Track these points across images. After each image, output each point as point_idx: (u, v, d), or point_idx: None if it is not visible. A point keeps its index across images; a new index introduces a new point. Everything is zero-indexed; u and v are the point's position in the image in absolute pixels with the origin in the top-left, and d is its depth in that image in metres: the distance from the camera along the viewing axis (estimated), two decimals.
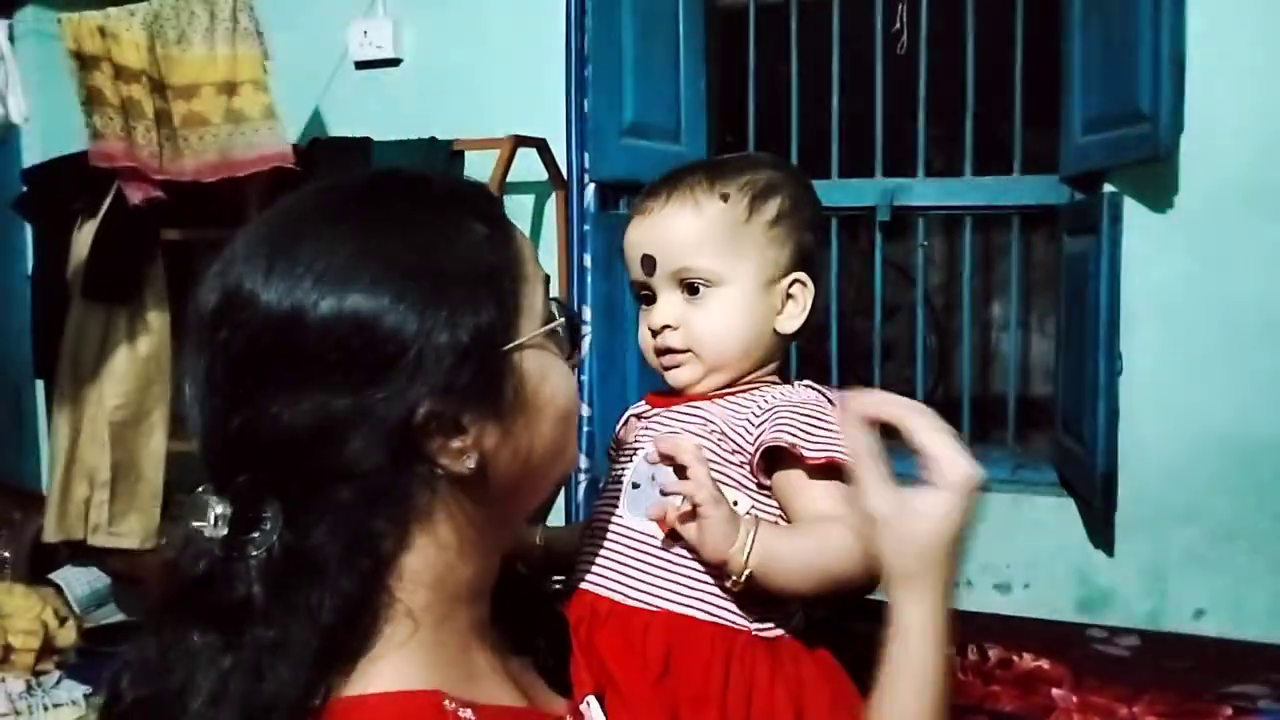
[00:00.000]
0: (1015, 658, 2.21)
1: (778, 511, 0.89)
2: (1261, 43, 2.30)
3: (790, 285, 0.94)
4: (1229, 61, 2.29)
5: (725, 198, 0.92)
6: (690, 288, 0.93)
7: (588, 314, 2.60)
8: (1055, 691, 2.08)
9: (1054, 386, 2.81)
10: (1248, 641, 2.31)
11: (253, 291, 0.62)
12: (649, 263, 0.93)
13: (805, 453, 0.85)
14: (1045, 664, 2.17)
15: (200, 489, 0.64)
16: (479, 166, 2.73)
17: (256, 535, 0.61)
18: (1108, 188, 2.38)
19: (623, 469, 0.93)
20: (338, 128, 3.00)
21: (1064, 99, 2.53)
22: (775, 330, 0.94)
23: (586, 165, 2.64)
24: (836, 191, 2.79)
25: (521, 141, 2.65)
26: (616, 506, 0.92)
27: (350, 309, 0.61)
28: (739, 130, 2.98)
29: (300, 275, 0.61)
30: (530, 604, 0.82)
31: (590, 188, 2.64)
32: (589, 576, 0.90)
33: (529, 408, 0.68)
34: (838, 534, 0.81)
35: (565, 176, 2.70)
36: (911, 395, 0.86)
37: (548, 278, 0.73)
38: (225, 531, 0.61)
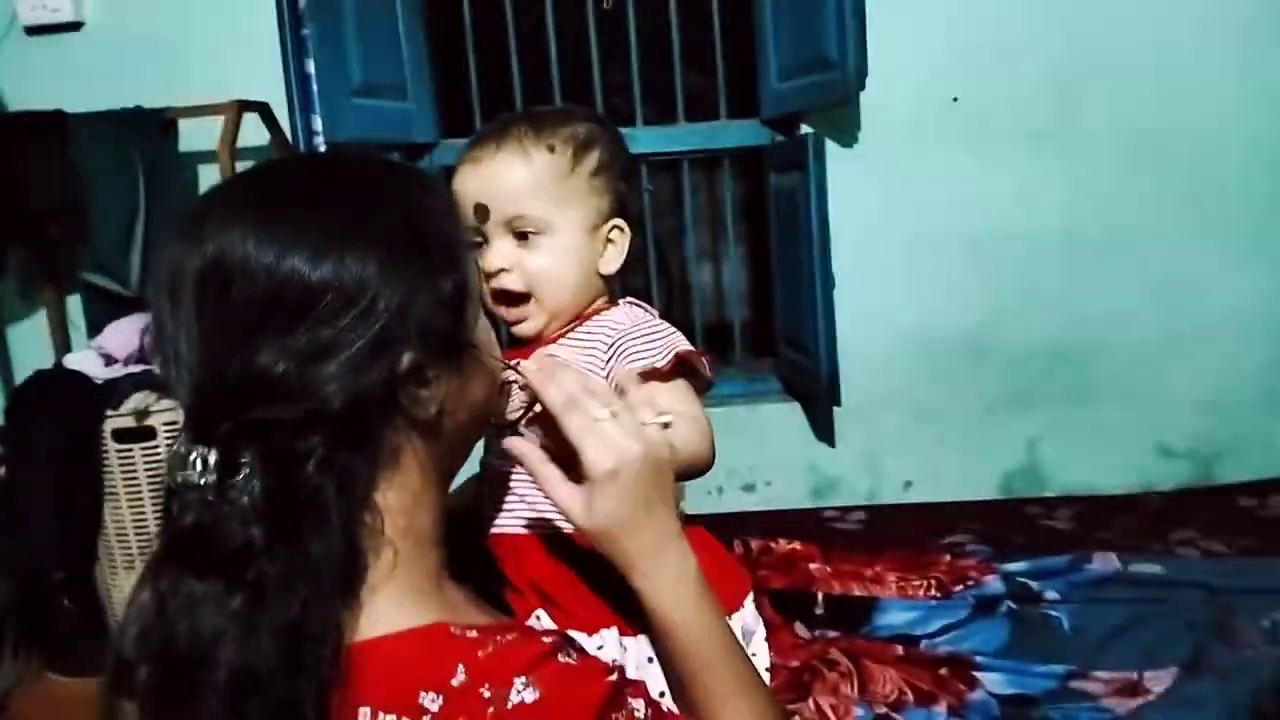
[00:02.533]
0: (772, 544, 2.49)
1: None
2: None
3: (610, 230, 1.03)
4: (899, 13, 2.63)
5: (551, 149, 0.99)
6: (521, 234, 0.99)
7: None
8: (812, 566, 2.37)
9: (761, 309, 3.14)
10: (948, 502, 2.76)
11: (247, 255, 0.65)
12: (482, 211, 0.98)
13: (658, 365, 0.95)
14: (798, 545, 2.46)
15: (177, 444, 0.66)
16: (196, 135, 2.59)
17: (240, 479, 0.64)
18: (805, 129, 2.70)
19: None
20: (16, 101, 2.70)
21: (760, 50, 2.81)
22: (599, 272, 1.03)
23: (316, 127, 2.58)
24: None
25: (245, 106, 2.55)
26: (503, 457, 0.98)
27: (346, 271, 0.66)
28: (463, 85, 3.02)
29: (296, 239, 0.66)
30: (462, 542, 0.89)
31: (321, 149, 2.59)
32: (500, 520, 0.98)
33: (477, 360, 0.76)
34: (683, 429, 0.92)
35: (290, 140, 2.62)
36: None
37: None
38: (214, 477, 0.64)
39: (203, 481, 0.64)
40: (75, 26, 2.75)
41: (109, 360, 2.19)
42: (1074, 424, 2.77)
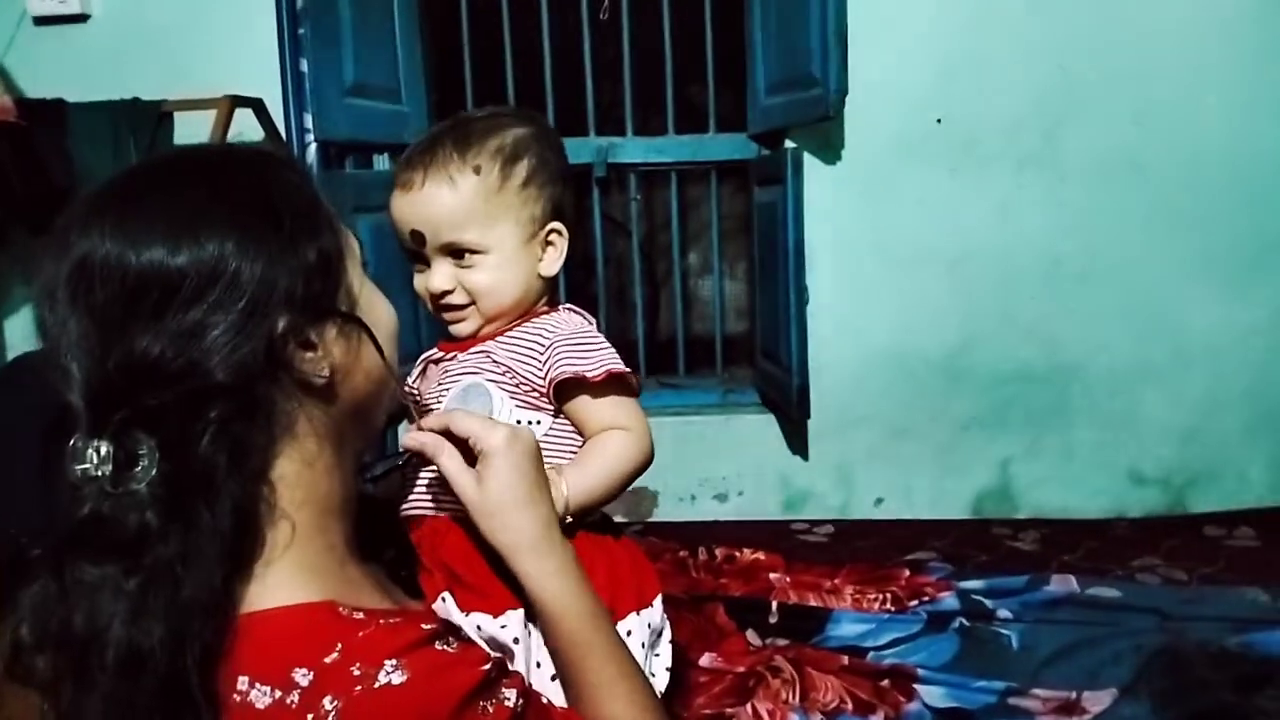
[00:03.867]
0: (737, 553, 2.51)
1: (573, 429, 1.03)
2: (914, 19, 2.68)
3: (548, 235, 1.04)
4: (887, 35, 2.66)
5: (478, 170, 1.00)
6: (458, 254, 1.01)
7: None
8: (772, 575, 2.40)
9: (750, 322, 3.18)
10: (917, 520, 2.78)
11: (108, 253, 0.68)
12: (418, 237, 1.00)
13: (588, 374, 0.98)
14: (762, 555, 2.48)
15: (74, 439, 0.69)
16: (190, 128, 2.65)
17: (139, 469, 0.67)
18: (788, 144, 2.73)
19: (433, 408, 1.02)
20: (20, 91, 2.77)
21: (749, 66, 2.85)
22: (540, 275, 1.05)
23: (307, 125, 2.63)
24: None
25: (237, 102, 2.60)
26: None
27: (204, 252, 0.69)
28: (457, 91, 3.07)
29: (152, 231, 0.69)
30: (377, 522, 0.93)
31: (312, 147, 2.64)
32: (413, 500, 1.00)
33: (366, 324, 0.79)
34: (617, 440, 0.97)
35: (284, 137, 2.68)
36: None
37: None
38: (110, 468, 0.66)
39: (99, 473, 0.67)
40: (82, 19, 2.81)
41: None
42: (1047, 448, 2.78)
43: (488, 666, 0.71)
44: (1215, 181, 2.68)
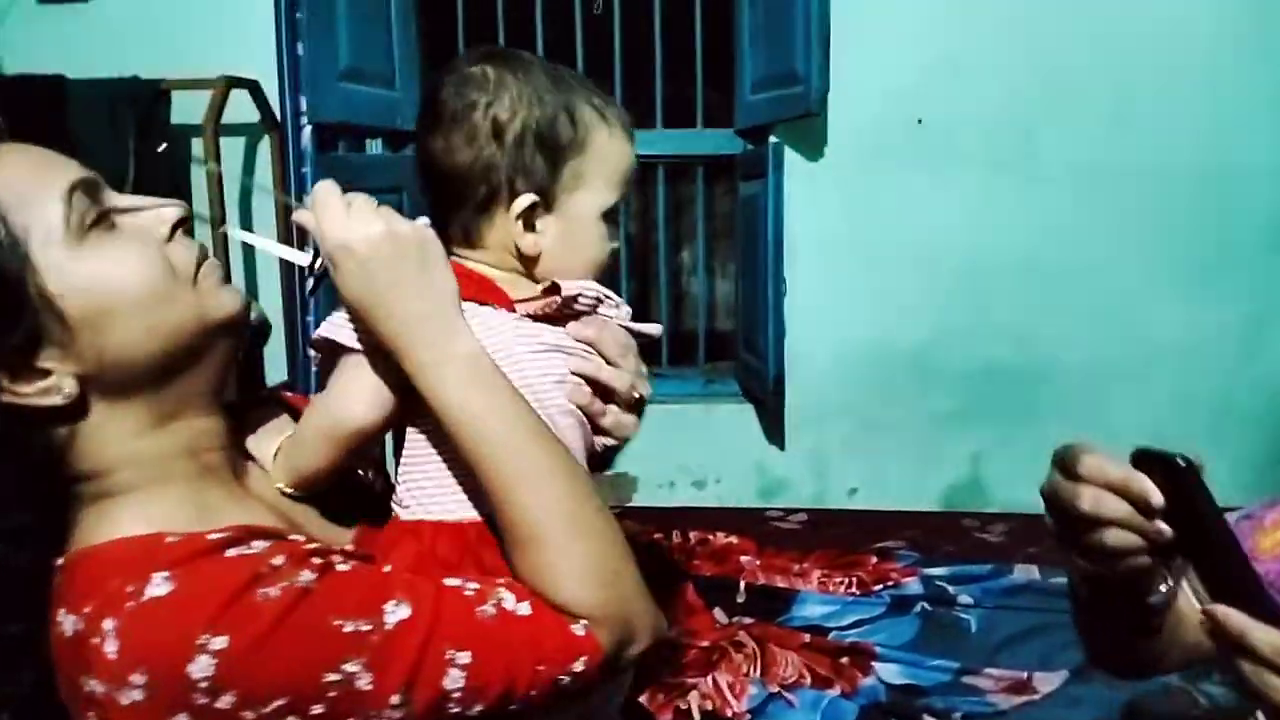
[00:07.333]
0: (710, 537, 2.57)
1: None
2: (895, 19, 2.73)
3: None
4: (871, 35, 2.72)
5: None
6: None
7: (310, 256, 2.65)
8: (743, 558, 2.46)
9: (735, 317, 3.24)
10: (889, 510, 2.84)
11: None
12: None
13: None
14: (735, 539, 2.55)
15: None
16: (187, 107, 2.70)
17: None
18: (773, 139, 2.79)
19: None
20: (21, 67, 2.81)
21: (736, 63, 2.90)
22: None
23: (302, 108, 2.68)
24: None
25: (233, 83, 2.65)
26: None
27: None
28: None
29: None
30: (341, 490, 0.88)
31: (307, 130, 2.69)
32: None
33: (91, 318, 0.70)
34: (319, 407, 0.83)
35: (279, 119, 2.72)
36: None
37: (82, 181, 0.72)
38: None
39: None
40: None
41: None
42: (1018, 443, 2.84)
43: (278, 560, 0.67)
44: (1185, 187, 2.75)
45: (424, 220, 0.79)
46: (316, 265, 0.80)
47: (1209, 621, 0.63)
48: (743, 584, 2.29)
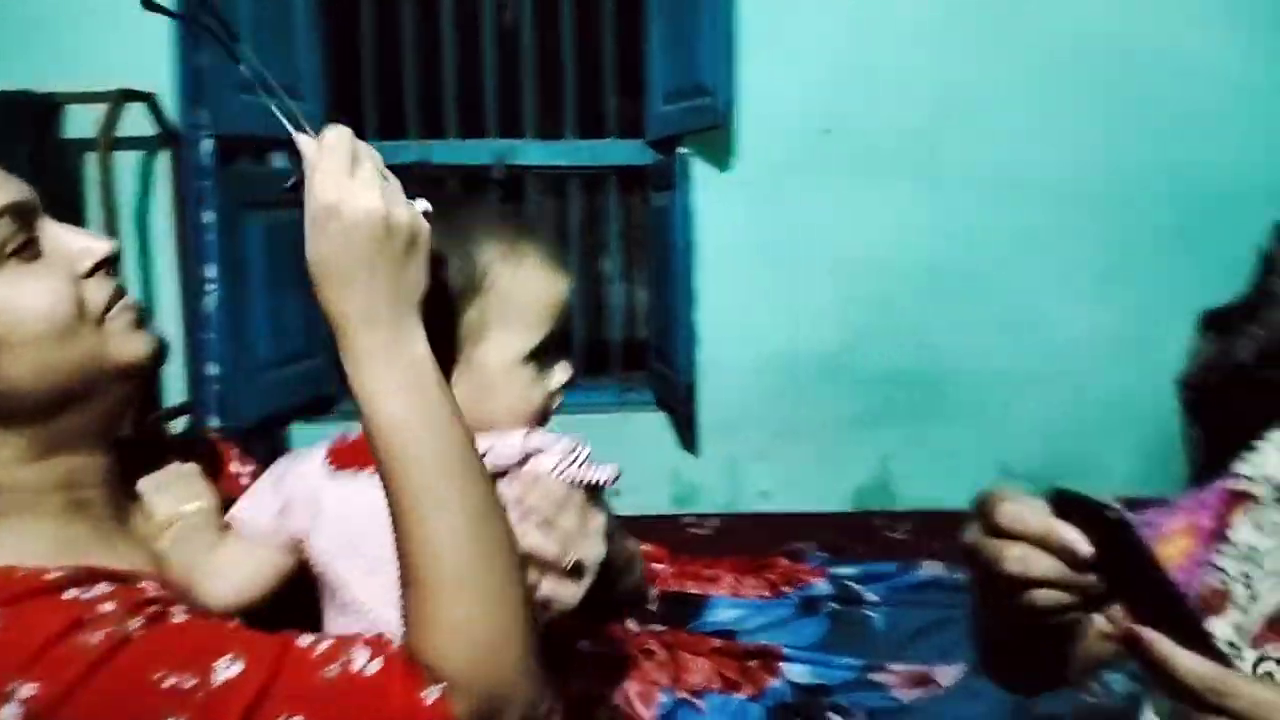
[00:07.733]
0: None
1: None
2: (803, 31, 2.80)
3: None
4: (778, 48, 2.78)
5: None
6: None
7: (212, 271, 2.60)
8: (657, 566, 2.48)
9: (650, 326, 3.26)
10: (800, 512, 2.89)
11: None
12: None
13: None
14: (649, 547, 2.57)
15: None
16: (80, 121, 2.63)
17: None
18: (681, 150, 2.82)
19: None
20: None
21: (646, 74, 2.94)
22: None
23: (202, 121, 2.62)
24: (454, 151, 3.03)
25: (129, 95, 2.59)
26: None
27: None
28: (357, 90, 3.09)
29: None
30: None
31: (208, 143, 2.63)
32: None
33: None
34: (198, 580, 0.81)
35: (177, 132, 2.66)
36: None
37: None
38: None
39: None
40: None
41: None
42: (924, 444, 2.92)
43: (108, 606, 0.65)
44: (1085, 194, 2.87)
45: (423, 205, 0.73)
46: (291, 183, 0.75)
47: (1128, 639, 0.59)
48: (655, 591, 2.30)
